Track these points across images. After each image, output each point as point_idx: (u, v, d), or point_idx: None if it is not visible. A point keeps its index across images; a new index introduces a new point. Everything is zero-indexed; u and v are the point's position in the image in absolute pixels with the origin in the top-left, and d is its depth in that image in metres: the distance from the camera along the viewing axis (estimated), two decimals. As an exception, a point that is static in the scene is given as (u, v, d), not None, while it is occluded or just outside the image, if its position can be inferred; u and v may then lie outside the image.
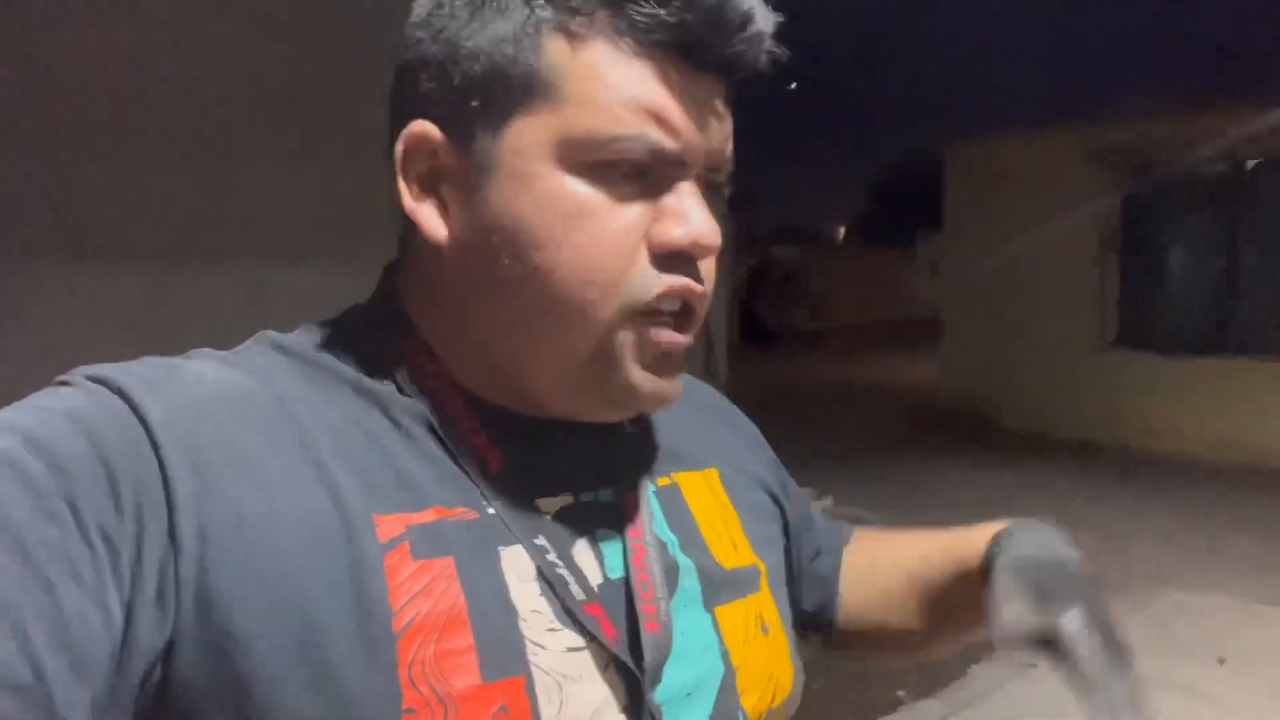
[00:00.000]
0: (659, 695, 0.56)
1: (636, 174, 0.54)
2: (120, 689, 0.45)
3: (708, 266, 0.58)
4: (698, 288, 0.56)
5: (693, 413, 0.72)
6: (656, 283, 0.55)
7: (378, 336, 0.60)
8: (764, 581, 0.68)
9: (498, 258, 0.54)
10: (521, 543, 0.55)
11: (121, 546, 0.46)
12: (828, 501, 4.72)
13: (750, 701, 0.62)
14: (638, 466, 0.64)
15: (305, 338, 0.60)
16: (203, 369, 0.55)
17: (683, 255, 0.55)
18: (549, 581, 0.55)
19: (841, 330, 17.53)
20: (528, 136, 0.53)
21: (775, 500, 0.76)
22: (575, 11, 0.53)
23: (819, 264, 20.10)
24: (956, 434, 8.42)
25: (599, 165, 0.53)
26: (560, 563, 0.56)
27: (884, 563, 0.81)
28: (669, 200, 0.55)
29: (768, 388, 11.89)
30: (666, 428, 0.69)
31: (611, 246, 0.54)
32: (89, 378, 0.51)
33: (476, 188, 0.55)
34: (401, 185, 0.56)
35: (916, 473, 7.04)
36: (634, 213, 0.54)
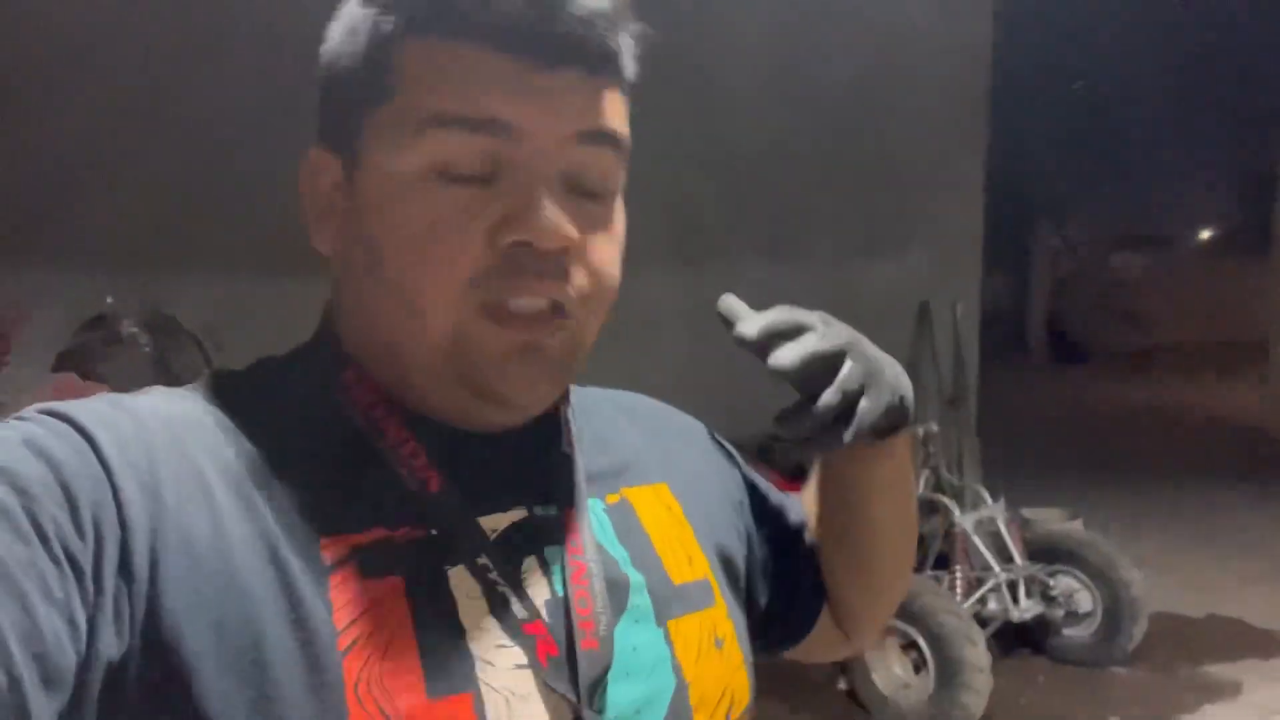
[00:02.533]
0: (609, 712, 0.58)
1: (479, 178, 0.55)
2: (83, 702, 0.47)
3: (590, 264, 0.58)
4: (551, 284, 0.57)
5: (638, 428, 0.75)
6: (504, 283, 0.56)
7: (317, 366, 0.62)
8: (718, 595, 0.68)
9: (362, 258, 0.58)
10: (463, 562, 0.57)
11: (84, 564, 0.47)
12: (1077, 524, 4.63)
13: (703, 717, 0.63)
14: (579, 483, 0.65)
15: (249, 373, 0.63)
16: (153, 403, 0.57)
17: (533, 252, 0.55)
18: (492, 600, 0.57)
19: (1166, 350, 16.03)
20: (376, 135, 0.56)
21: (738, 505, 0.77)
22: (413, 19, 0.55)
23: (1148, 275, 18.41)
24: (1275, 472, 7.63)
25: (436, 165, 0.55)
26: (503, 581, 0.57)
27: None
28: (509, 196, 0.55)
29: (1065, 409, 11.29)
30: (613, 444, 0.71)
31: (451, 244, 0.55)
32: (42, 412, 0.53)
33: (352, 195, 0.59)
34: (303, 206, 0.61)
35: (1219, 513, 6.43)
36: (474, 213, 0.55)
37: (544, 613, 0.58)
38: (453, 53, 0.55)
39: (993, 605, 3.86)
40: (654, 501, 0.69)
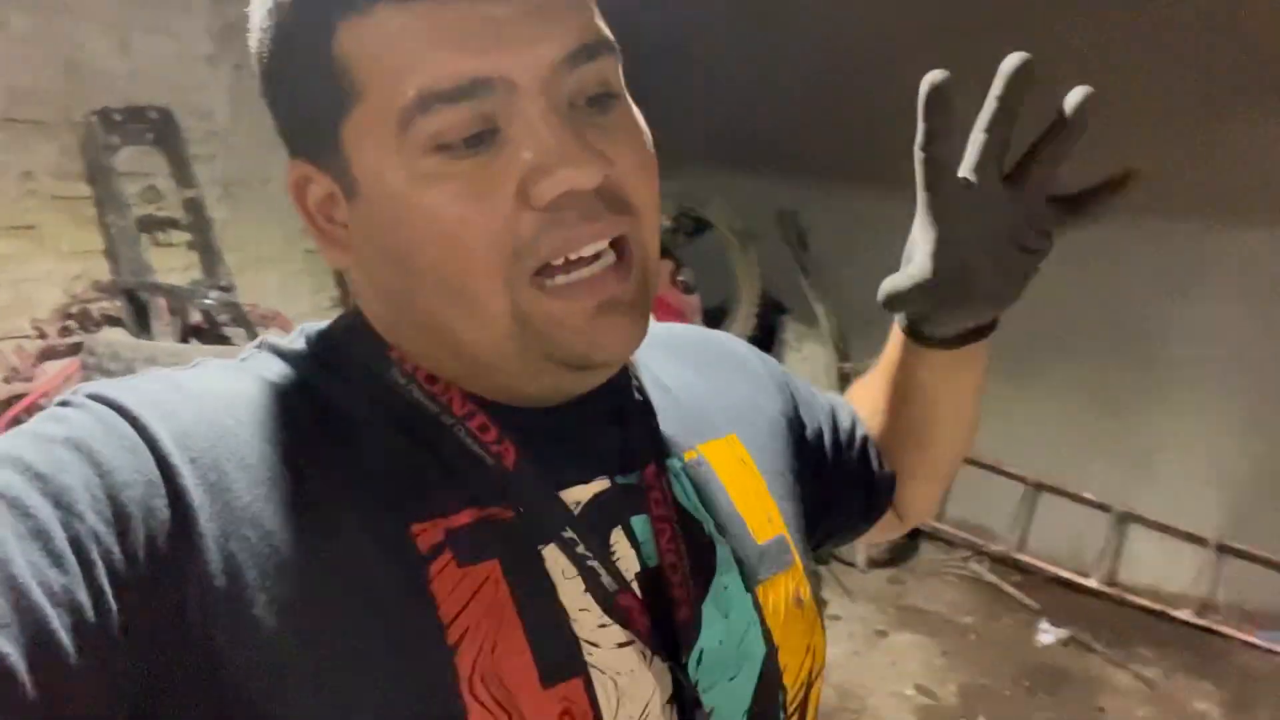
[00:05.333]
0: (702, 680, 0.57)
1: (478, 138, 0.50)
2: None
3: (631, 179, 0.53)
4: (607, 222, 0.52)
5: (692, 368, 0.72)
6: (544, 244, 0.51)
7: (367, 345, 0.58)
8: (794, 552, 0.67)
9: (391, 267, 0.54)
10: (553, 539, 0.55)
11: (131, 582, 0.45)
12: None
13: (790, 676, 0.62)
14: (657, 445, 0.63)
15: (304, 345, 0.59)
16: (210, 381, 0.54)
17: (575, 196, 0.51)
18: (587, 578, 0.55)
19: None
20: (360, 142, 0.51)
21: (793, 423, 0.76)
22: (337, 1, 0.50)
23: None
24: None
25: (432, 148, 0.50)
26: (591, 554, 0.55)
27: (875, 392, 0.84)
28: (525, 148, 0.50)
29: None
30: (681, 398, 0.68)
31: (480, 229, 0.50)
32: (90, 396, 0.50)
33: (352, 206, 0.54)
34: (305, 221, 0.56)
35: None
36: (494, 180, 0.50)
37: (635, 587, 0.57)
38: (398, 21, 0.49)
39: None
40: (729, 456, 0.67)
